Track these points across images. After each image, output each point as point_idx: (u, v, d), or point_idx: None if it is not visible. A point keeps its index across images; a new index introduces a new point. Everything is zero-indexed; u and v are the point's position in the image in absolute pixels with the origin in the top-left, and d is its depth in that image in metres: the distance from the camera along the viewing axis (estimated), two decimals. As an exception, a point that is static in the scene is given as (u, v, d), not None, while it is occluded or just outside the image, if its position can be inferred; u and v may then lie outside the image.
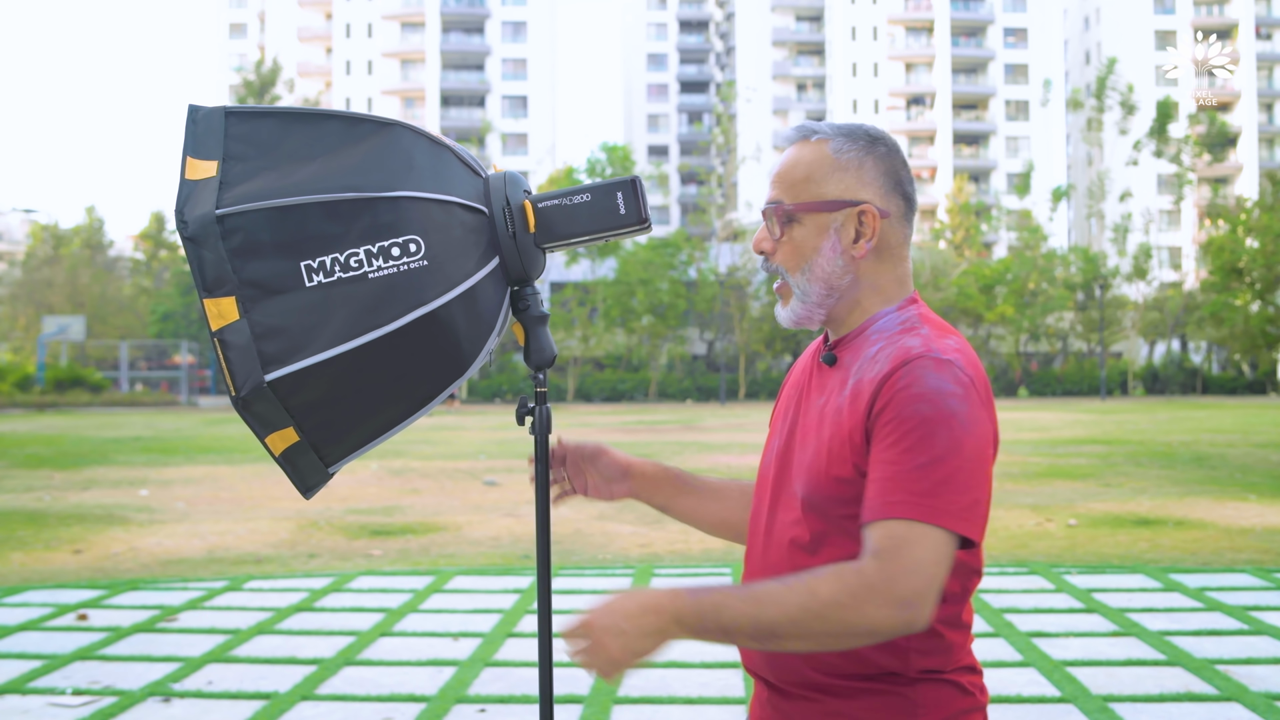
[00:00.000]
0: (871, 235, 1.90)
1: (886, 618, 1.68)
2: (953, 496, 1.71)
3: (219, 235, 1.83)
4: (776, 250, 1.95)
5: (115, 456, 20.79)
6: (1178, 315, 60.49)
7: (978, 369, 1.82)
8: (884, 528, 1.71)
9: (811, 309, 1.94)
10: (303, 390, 1.85)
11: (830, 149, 1.92)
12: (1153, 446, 21.74)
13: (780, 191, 1.94)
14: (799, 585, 1.71)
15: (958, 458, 1.72)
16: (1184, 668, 6.07)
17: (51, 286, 67.61)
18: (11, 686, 5.86)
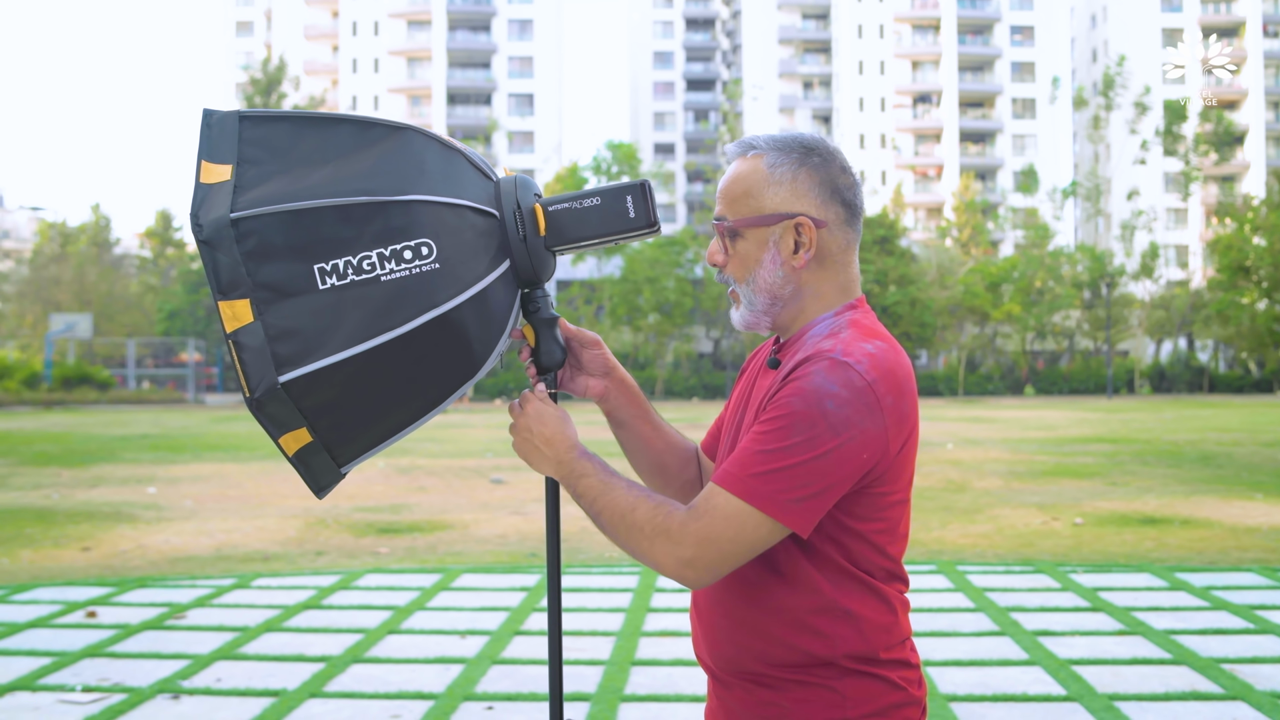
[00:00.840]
0: (810, 246, 1.97)
1: (668, 565, 1.85)
2: (783, 485, 1.80)
3: (233, 238, 1.85)
4: (727, 263, 2.03)
5: (123, 454, 20.84)
6: (1184, 314, 60.39)
7: (888, 371, 1.87)
8: (710, 490, 1.85)
9: (758, 316, 2.03)
10: (316, 392, 1.87)
11: (765, 164, 1.99)
12: (1159, 445, 21.72)
13: (724, 207, 2.02)
14: (634, 497, 1.90)
15: (807, 453, 1.80)
16: (1190, 667, 6.08)
17: (58, 284, 67.70)
18: (21, 683, 5.89)
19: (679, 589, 8.16)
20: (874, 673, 1.93)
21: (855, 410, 1.82)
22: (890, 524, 1.96)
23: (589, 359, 2.20)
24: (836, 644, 1.90)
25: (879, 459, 1.86)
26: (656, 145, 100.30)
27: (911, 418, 1.92)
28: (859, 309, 2.02)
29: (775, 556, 1.92)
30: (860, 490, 1.89)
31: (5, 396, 43.62)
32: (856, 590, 1.92)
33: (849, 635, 1.91)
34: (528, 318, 2.08)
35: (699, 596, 2.07)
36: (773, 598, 1.93)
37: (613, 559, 9.53)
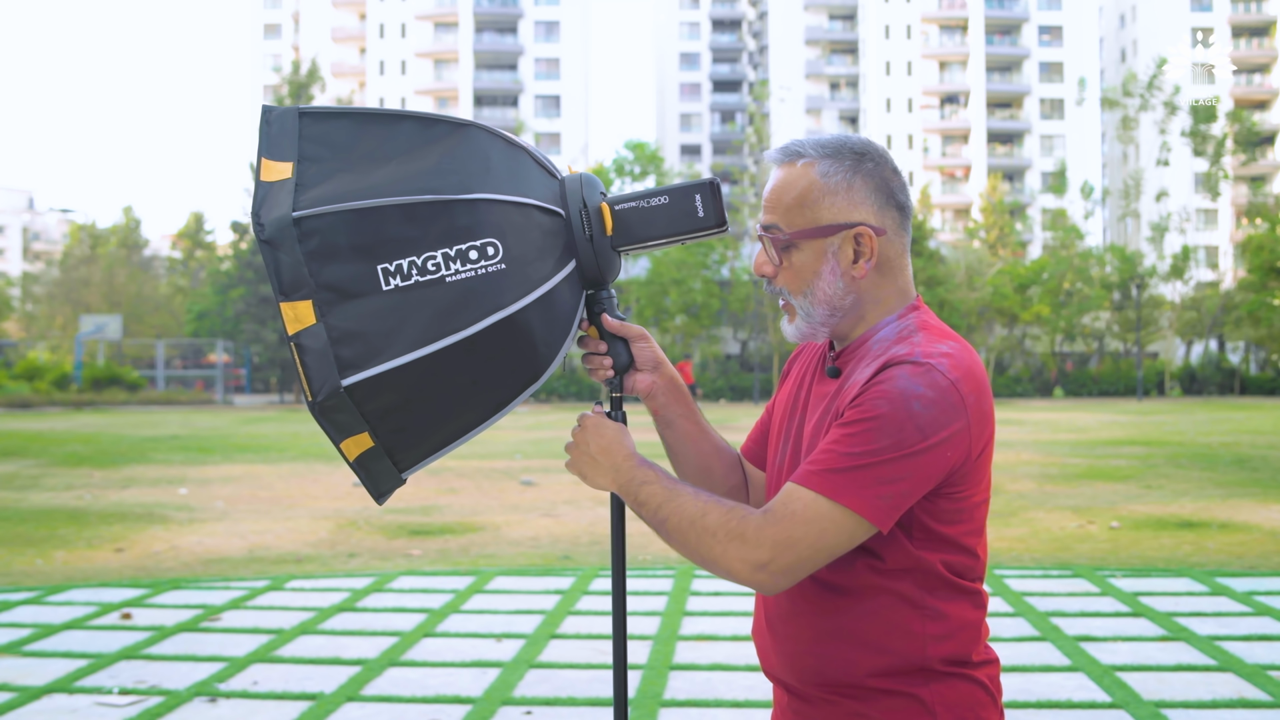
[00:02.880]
0: (870, 255, 1.93)
1: (742, 571, 1.80)
2: (868, 480, 1.77)
3: (296, 238, 1.80)
4: (778, 274, 1.98)
5: (153, 455, 20.91)
6: (1215, 315, 59.89)
7: (969, 372, 1.84)
8: (792, 491, 1.80)
9: (815, 328, 1.98)
10: (379, 396, 1.83)
11: (817, 173, 1.93)
12: (1193, 448, 21.53)
13: (775, 217, 1.95)
14: (702, 503, 1.85)
15: (895, 455, 1.77)
16: (1235, 673, 5.99)
17: (88, 286, 68.16)
18: (58, 685, 5.89)
19: (713, 592, 8.11)
20: (967, 674, 1.90)
21: (942, 411, 1.79)
22: (977, 525, 1.93)
23: (636, 352, 2.14)
24: (928, 645, 1.87)
25: (963, 459, 1.83)
26: (683, 147, 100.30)
27: (991, 417, 1.89)
28: (921, 310, 1.99)
29: (861, 563, 1.88)
30: (943, 492, 1.85)
31: (36, 397, 43.88)
32: (946, 592, 1.89)
33: (941, 635, 1.87)
34: (593, 320, 2.04)
35: (771, 611, 2.01)
36: (861, 605, 1.88)
37: (646, 563, 9.48)
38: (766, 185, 1.99)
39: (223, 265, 64.63)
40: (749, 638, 6.76)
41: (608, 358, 2.07)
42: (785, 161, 1.97)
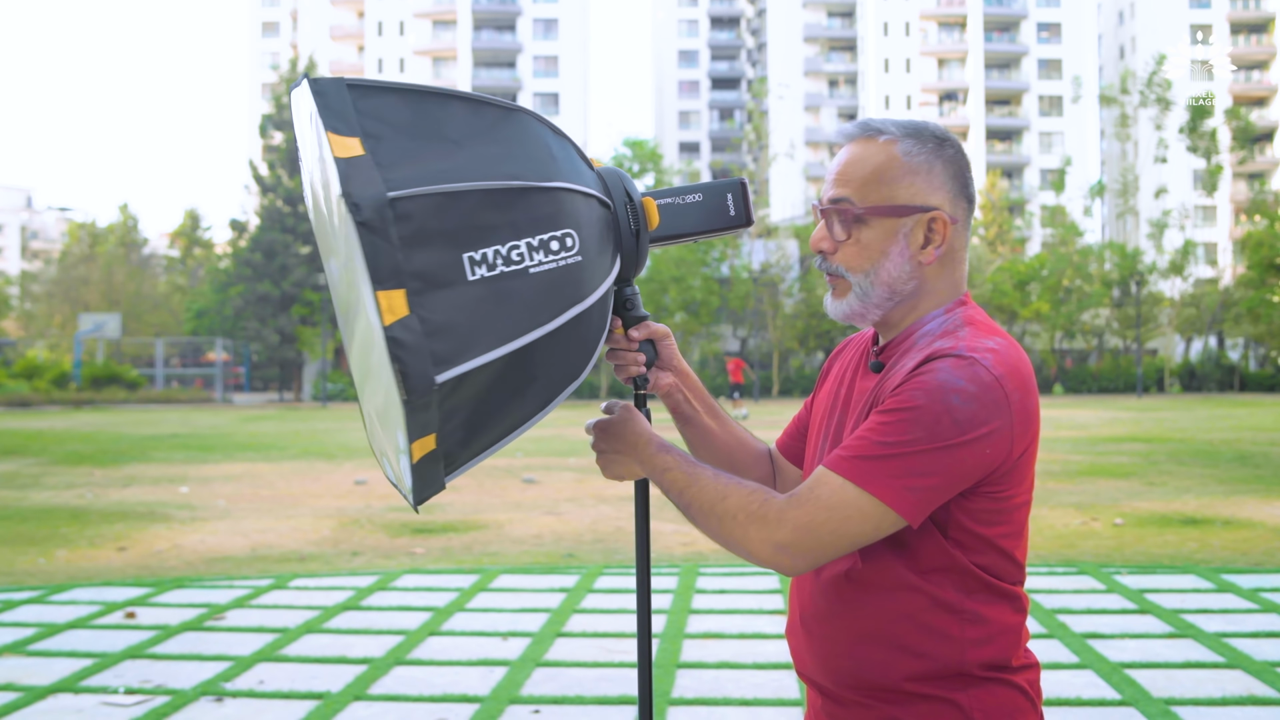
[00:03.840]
0: (941, 242, 1.89)
1: (762, 552, 1.78)
2: (898, 470, 1.73)
3: (392, 220, 1.68)
4: (838, 250, 1.92)
5: (154, 453, 20.89)
6: (1214, 311, 59.85)
7: (1014, 368, 1.79)
8: (821, 475, 1.78)
9: (868, 309, 1.92)
10: (457, 393, 1.73)
11: (899, 150, 1.88)
12: (1194, 444, 21.52)
13: (847, 190, 1.89)
14: (723, 485, 1.83)
15: (927, 446, 1.73)
16: (1244, 670, 5.97)
17: (87, 284, 68.15)
18: (64, 685, 5.86)
19: (719, 590, 8.09)
20: (1006, 679, 1.86)
21: (982, 407, 1.74)
22: (1016, 527, 1.88)
23: (661, 350, 2.10)
24: (966, 649, 1.82)
25: (1003, 459, 1.78)
26: (681, 144, 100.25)
27: (1037, 416, 1.84)
28: (969, 305, 1.94)
29: (897, 562, 1.83)
30: (982, 491, 1.80)
31: (35, 396, 43.87)
32: (985, 594, 1.84)
33: (980, 640, 1.83)
34: (621, 315, 2.01)
35: (807, 611, 1.97)
36: (898, 606, 1.84)
37: (652, 560, 9.45)
38: (836, 159, 1.94)
39: (221, 263, 64.61)
40: (756, 636, 6.75)
41: (640, 354, 2.04)
42: (863, 137, 1.92)
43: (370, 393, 1.90)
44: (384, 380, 1.75)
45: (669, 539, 10.50)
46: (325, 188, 1.80)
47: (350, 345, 2.00)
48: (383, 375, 1.74)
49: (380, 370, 1.75)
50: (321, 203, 1.87)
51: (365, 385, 1.93)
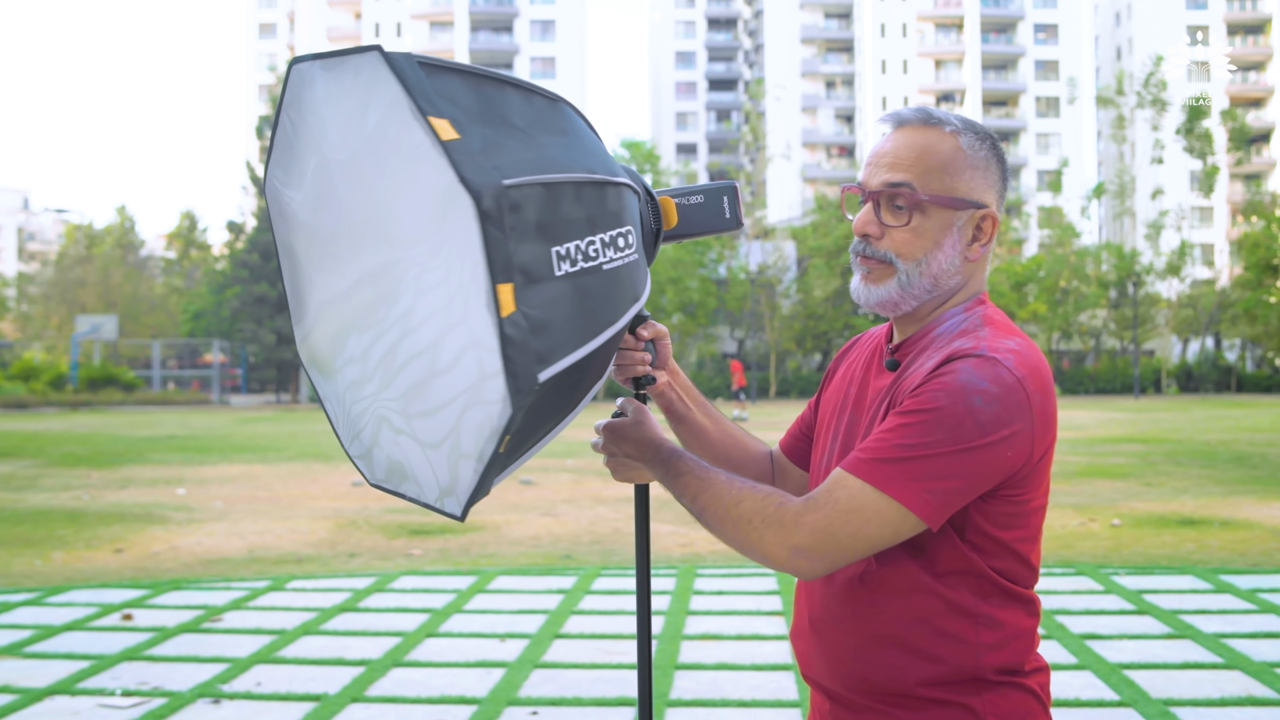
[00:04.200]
0: (987, 240, 1.89)
1: (778, 555, 1.74)
2: (918, 473, 1.69)
3: (507, 208, 1.61)
4: (885, 235, 1.87)
5: (151, 455, 20.87)
6: (1211, 312, 59.95)
7: (1035, 370, 1.76)
8: (839, 478, 1.74)
9: (905, 298, 1.88)
10: (542, 395, 1.67)
11: (963, 143, 1.86)
12: (1192, 445, 21.53)
13: (910, 175, 1.85)
14: (736, 489, 1.79)
15: (949, 449, 1.69)
16: (1243, 671, 5.97)
17: (84, 286, 68.09)
18: (61, 687, 5.85)
19: (717, 591, 8.08)
20: (1019, 683, 1.83)
21: (1005, 408, 1.71)
22: (1033, 531, 1.85)
23: (659, 349, 2.08)
24: (981, 653, 1.79)
25: (1023, 461, 1.75)
26: (679, 145, 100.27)
27: (1055, 419, 1.81)
28: (987, 304, 1.92)
29: (912, 565, 1.81)
30: (1000, 494, 1.77)
31: (32, 398, 43.85)
32: (1000, 598, 1.81)
33: (995, 644, 1.80)
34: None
35: (816, 614, 1.93)
36: (913, 610, 1.80)
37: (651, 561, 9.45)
38: (890, 143, 1.89)
39: (218, 265, 64.57)
40: (754, 637, 6.74)
41: (646, 354, 2.02)
42: (925, 124, 1.88)
43: (383, 394, 1.79)
44: (445, 380, 1.67)
45: (666, 540, 10.49)
46: (379, 175, 1.69)
47: (333, 341, 1.89)
48: (438, 374, 1.67)
49: (425, 368, 1.69)
50: (345, 190, 1.76)
51: (367, 385, 1.83)
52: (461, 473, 1.71)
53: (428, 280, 1.66)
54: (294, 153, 1.82)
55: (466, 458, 1.69)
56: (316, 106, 1.76)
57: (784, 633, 6.81)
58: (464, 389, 1.65)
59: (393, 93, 1.64)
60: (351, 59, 1.69)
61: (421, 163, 1.62)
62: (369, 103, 1.67)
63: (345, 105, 1.72)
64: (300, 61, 1.76)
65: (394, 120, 1.64)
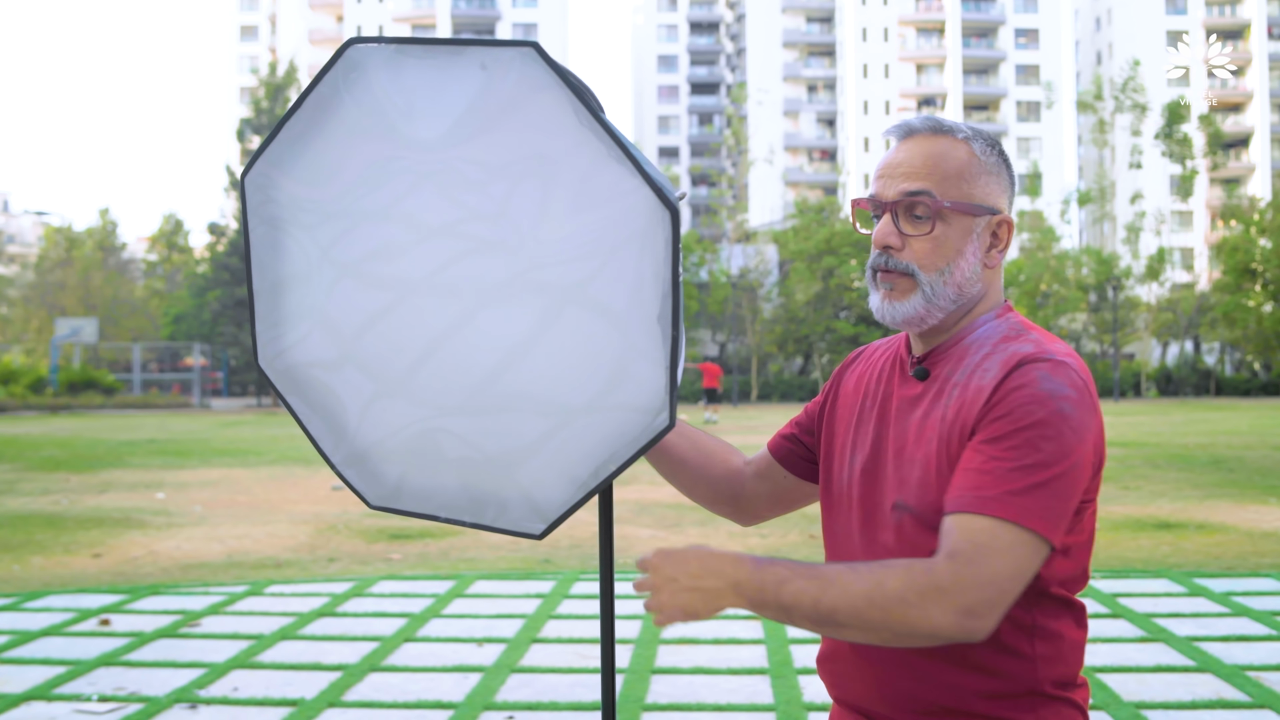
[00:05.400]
0: (1004, 246, 1.87)
1: (950, 624, 1.61)
2: (1049, 501, 1.65)
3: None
4: (906, 246, 1.83)
5: (130, 459, 20.80)
6: (1191, 316, 60.29)
7: (1088, 374, 1.76)
8: (968, 524, 1.64)
9: (932, 311, 1.84)
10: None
11: (976, 149, 1.86)
12: (1169, 449, 21.64)
13: (929, 183, 1.82)
14: (867, 574, 1.64)
15: (1064, 464, 1.66)
16: (1214, 674, 6.02)
17: (64, 289, 67.73)
18: (37, 693, 5.84)
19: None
20: (1070, 698, 1.80)
21: (1085, 411, 1.70)
22: (1089, 534, 1.82)
23: None
24: (1039, 666, 1.76)
25: (1099, 460, 1.75)
26: (661, 149, 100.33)
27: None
28: (1014, 311, 1.91)
29: None
30: None
31: (11, 401, 43.62)
32: (1055, 607, 1.78)
33: (1052, 657, 1.77)
34: None
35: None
36: None
37: (628, 566, 9.47)
38: (902, 153, 1.86)
39: (199, 268, 64.36)
40: (731, 641, 6.76)
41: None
42: (936, 132, 1.86)
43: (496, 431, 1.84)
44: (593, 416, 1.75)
45: (645, 544, 10.52)
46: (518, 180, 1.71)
47: (367, 350, 1.88)
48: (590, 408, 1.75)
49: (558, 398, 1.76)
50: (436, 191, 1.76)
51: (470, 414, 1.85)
52: (558, 505, 1.83)
53: (587, 292, 1.69)
54: (318, 146, 1.79)
55: (585, 488, 1.81)
56: (385, 98, 1.73)
57: (760, 637, 6.84)
58: (595, 403, 1.74)
59: (553, 96, 1.66)
60: (466, 52, 1.70)
61: (601, 173, 1.65)
62: (499, 100, 1.68)
63: (444, 99, 1.71)
64: (358, 42, 1.75)
65: (547, 125, 1.66)
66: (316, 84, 1.76)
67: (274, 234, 1.86)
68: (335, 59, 1.74)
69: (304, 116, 1.78)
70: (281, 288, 1.88)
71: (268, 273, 1.88)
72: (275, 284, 1.89)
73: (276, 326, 1.90)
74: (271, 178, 1.83)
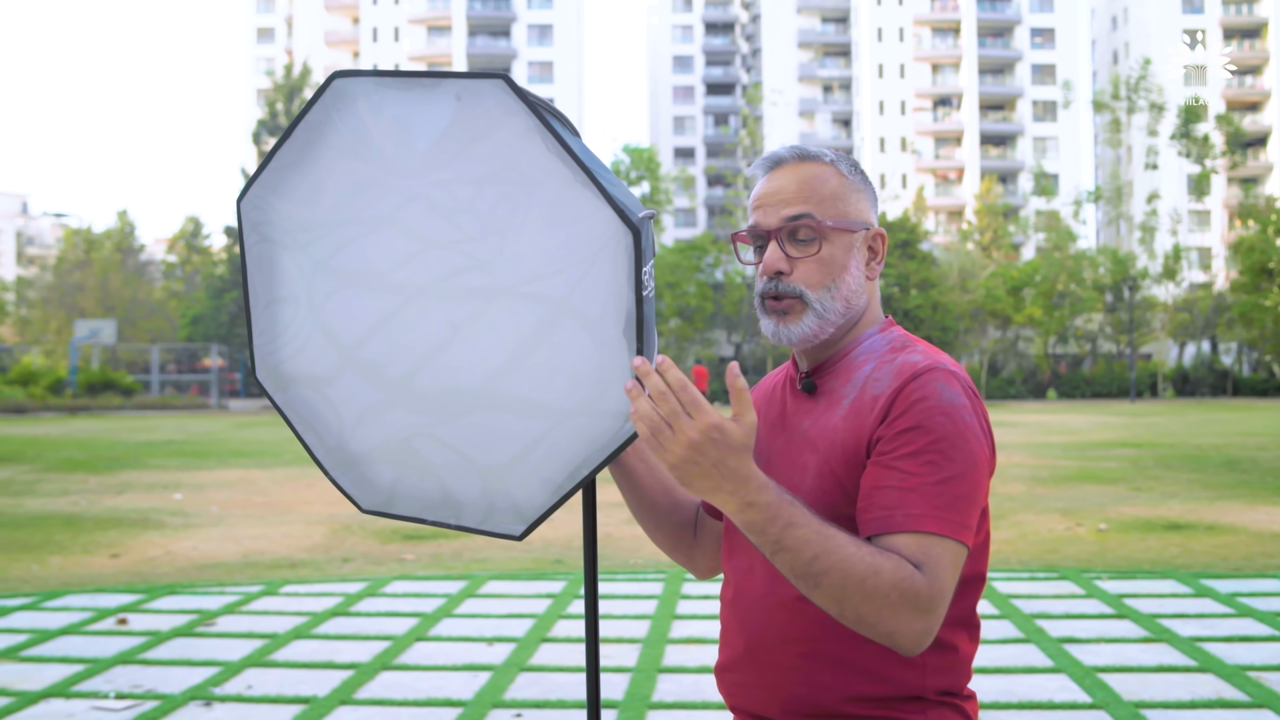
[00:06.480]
0: (880, 259, 1.96)
1: (906, 637, 1.65)
2: (969, 510, 1.73)
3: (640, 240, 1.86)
4: (794, 269, 1.89)
5: (148, 460, 20.97)
6: (1208, 316, 60.06)
7: (973, 384, 1.84)
8: (915, 541, 1.67)
9: (825, 327, 1.89)
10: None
11: (843, 170, 1.95)
12: (1184, 450, 21.64)
13: (809, 206, 1.89)
14: (869, 556, 1.63)
15: (974, 472, 1.74)
16: (1215, 674, 6.08)
17: (82, 290, 68.03)
18: (55, 690, 5.96)
19: (703, 595, 8.19)
20: (957, 704, 1.84)
21: (980, 418, 1.80)
22: (985, 537, 1.88)
23: None
24: (928, 675, 1.81)
25: (993, 465, 1.85)
26: (676, 150, 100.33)
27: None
28: (897, 326, 1.99)
29: None
30: None
31: (31, 402, 43.88)
32: (956, 615, 1.83)
33: (942, 668, 1.82)
34: None
35: (757, 640, 1.89)
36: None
37: (638, 566, 9.57)
38: (775, 183, 1.93)
39: (217, 269, 64.63)
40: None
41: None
42: (803, 160, 1.94)
43: (482, 439, 1.92)
44: (547, 401, 1.85)
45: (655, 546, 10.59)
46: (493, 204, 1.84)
47: (360, 361, 1.96)
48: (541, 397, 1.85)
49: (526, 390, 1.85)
50: (420, 214, 1.87)
51: (458, 422, 1.93)
52: (540, 505, 1.91)
53: (556, 310, 1.82)
54: (308, 169, 1.90)
55: (561, 491, 1.89)
56: (370, 125, 1.86)
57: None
58: (573, 410, 1.84)
59: (522, 124, 1.81)
60: (443, 84, 1.83)
61: (568, 195, 1.79)
62: (472, 128, 1.82)
63: (423, 126, 1.84)
64: (342, 76, 1.87)
65: (516, 151, 1.80)
66: (306, 113, 1.87)
67: (270, 251, 1.95)
68: (322, 90, 1.86)
69: (295, 143, 1.89)
70: (277, 302, 1.97)
71: (263, 289, 1.97)
72: (271, 299, 1.98)
73: (274, 340, 1.99)
74: (266, 200, 1.93)
